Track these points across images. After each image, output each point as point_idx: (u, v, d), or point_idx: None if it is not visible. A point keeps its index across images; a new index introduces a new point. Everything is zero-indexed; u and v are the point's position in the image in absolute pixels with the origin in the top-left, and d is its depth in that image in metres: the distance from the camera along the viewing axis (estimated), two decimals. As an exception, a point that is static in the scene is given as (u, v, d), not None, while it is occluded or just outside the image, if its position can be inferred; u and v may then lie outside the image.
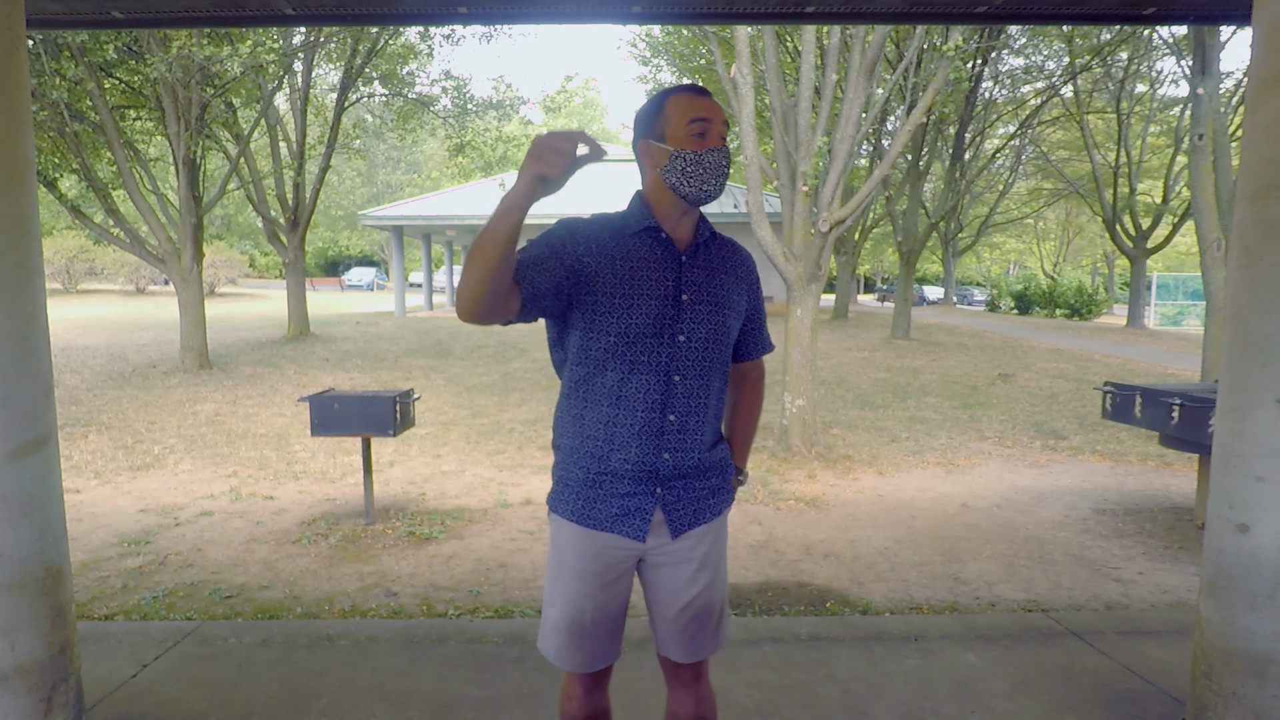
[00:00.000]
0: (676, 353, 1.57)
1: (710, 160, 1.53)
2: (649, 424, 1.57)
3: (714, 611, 1.69)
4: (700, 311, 1.59)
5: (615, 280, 1.56)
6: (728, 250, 1.70)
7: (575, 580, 1.63)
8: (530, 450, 6.81)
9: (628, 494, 1.60)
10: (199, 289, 10.61)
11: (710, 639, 1.70)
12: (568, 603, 1.64)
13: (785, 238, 6.82)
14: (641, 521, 1.60)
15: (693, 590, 1.66)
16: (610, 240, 1.58)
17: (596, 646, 1.66)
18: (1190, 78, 9.52)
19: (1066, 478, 6.07)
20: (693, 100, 1.54)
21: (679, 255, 1.60)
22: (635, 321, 1.55)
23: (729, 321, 1.64)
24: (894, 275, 34.28)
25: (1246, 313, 2.11)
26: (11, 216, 2.07)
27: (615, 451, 1.58)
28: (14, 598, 2.08)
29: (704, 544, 1.67)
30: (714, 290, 1.62)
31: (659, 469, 1.59)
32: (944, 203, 17.72)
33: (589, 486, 1.62)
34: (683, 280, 1.59)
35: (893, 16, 3.12)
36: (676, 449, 1.60)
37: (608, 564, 1.62)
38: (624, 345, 1.56)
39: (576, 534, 1.62)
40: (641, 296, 1.56)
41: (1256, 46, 2.12)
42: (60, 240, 24.45)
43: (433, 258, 31.21)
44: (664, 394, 1.57)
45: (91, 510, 5.08)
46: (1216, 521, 2.19)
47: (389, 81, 14.58)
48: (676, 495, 1.63)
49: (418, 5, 2.83)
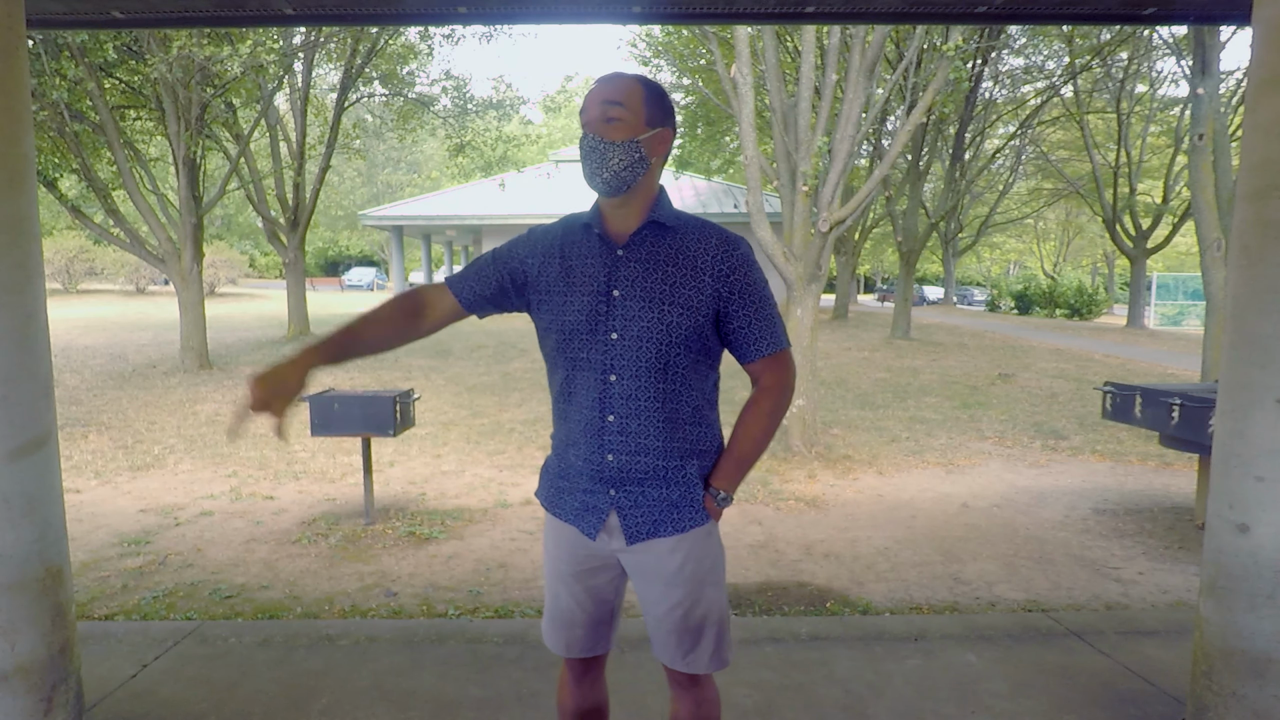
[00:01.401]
0: (610, 351, 1.52)
1: (583, 149, 1.52)
2: (590, 423, 1.55)
3: (701, 631, 1.61)
4: (631, 308, 1.51)
5: (552, 278, 1.58)
6: (691, 240, 1.55)
7: (551, 564, 1.70)
8: (530, 450, 6.81)
9: (586, 490, 1.60)
10: (199, 289, 10.61)
11: (701, 657, 1.63)
12: (548, 586, 1.72)
13: (785, 238, 6.82)
14: (595, 519, 1.59)
15: (664, 605, 1.60)
16: (559, 239, 1.61)
17: (574, 634, 1.69)
18: (1190, 78, 9.52)
19: (1066, 478, 6.07)
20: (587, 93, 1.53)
21: (614, 249, 1.56)
22: (569, 319, 1.55)
23: (672, 318, 1.51)
24: (894, 275, 34.27)
25: (1246, 313, 2.11)
26: (11, 216, 2.07)
27: (570, 447, 1.61)
28: (14, 598, 2.08)
29: (674, 560, 1.58)
30: (652, 285, 1.52)
31: (605, 470, 1.56)
32: (944, 203, 17.72)
33: (560, 478, 1.65)
34: (614, 275, 1.54)
35: (893, 16, 3.12)
36: (619, 451, 1.54)
37: (576, 555, 1.65)
38: (563, 342, 1.57)
39: (550, 522, 1.69)
40: (574, 293, 1.55)
41: (1256, 46, 2.12)
42: (60, 240, 24.45)
43: (433, 258, 31.23)
44: (601, 393, 1.54)
45: (91, 510, 5.08)
46: (1216, 521, 2.19)
47: (389, 81, 14.57)
48: (632, 500, 1.57)
49: (418, 5, 2.83)
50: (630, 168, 1.50)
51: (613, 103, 1.48)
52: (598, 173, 1.50)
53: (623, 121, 1.48)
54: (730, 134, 17.35)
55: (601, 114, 1.48)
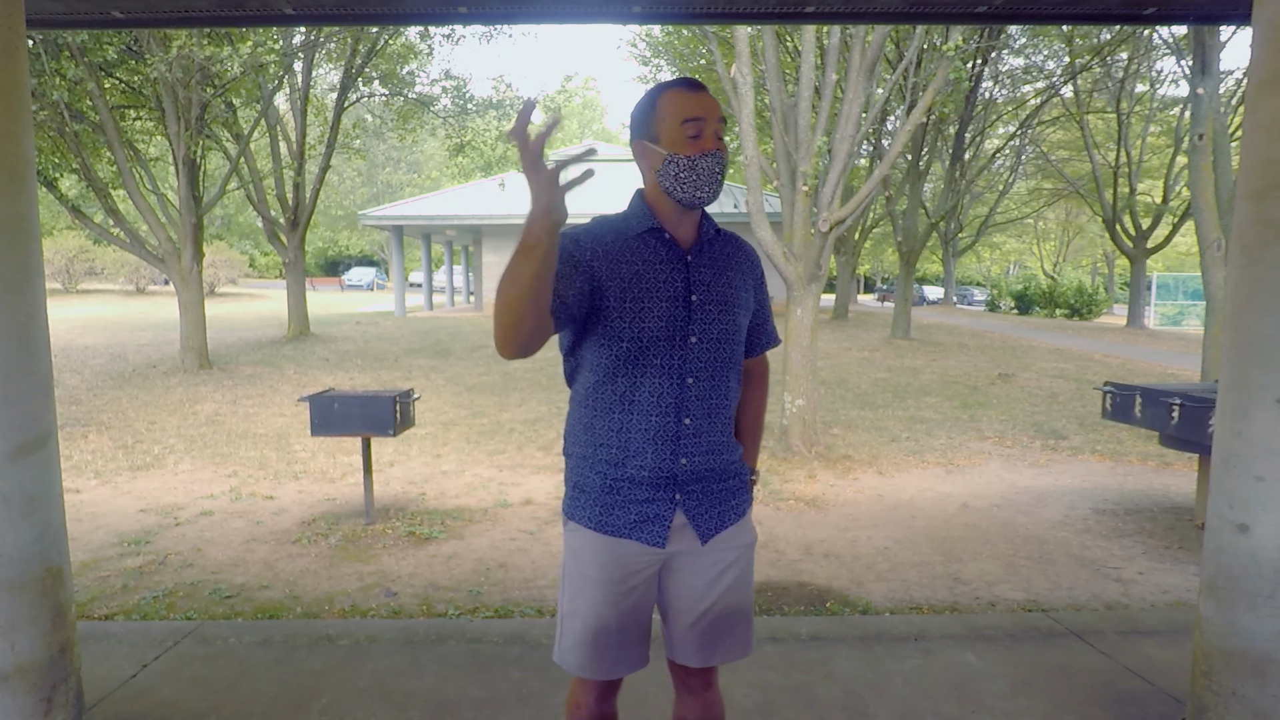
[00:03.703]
0: (689, 355, 1.54)
1: (704, 165, 1.48)
2: (664, 429, 1.54)
3: (741, 613, 1.65)
4: (711, 312, 1.56)
5: (623, 285, 1.51)
6: (732, 246, 1.66)
7: (596, 589, 1.58)
8: (530, 450, 6.81)
9: (646, 500, 1.56)
10: (199, 289, 10.61)
11: (738, 644, 1.65)
12: (591, 613, 1.58)
13: (785, 238, 6.82)
14: (660, 528, 1.56)
15: (716, 591, 1.61)
16: (614, 244, 1.54)
17: (623, 653, 1.61)
18: (1190, 78, 9.52)
19: (1066, 478, 6.07)
20: (685, 98, 1.48)
21: (684, 255, 1.56)
22: (647, 326, 1.51)
23: (739, 319, 1.60)
24: (894, 275, 34.28)
25: (1246, 313, 2.11)
26: (11, 216, 2.07)
27: (631, 458, 1.55)
28: (14, 598, 2.08)
29: (734, 546, 1.63)
30: (722, 289, 1.58)
31: (676, 474, 1.55)
32: (944, 203, 17.72)
33: (606, 493, 1.58)
34: (691, 281, 1.55)
35: (893, 16, 3.12)
36: (693, 453, 1.56)
37: (629, 571, 1.58)
38: (636, 351, 1.52)
39: (597, 542, 1.58)
40: (651, 300, 1.52)
41: (1256, 46, 2.12)
42: (60, 240, 24.46)
43: (433, 258, 31.20)
44: (678, 398, 1.54)
45: (91, 510, 5.08)
46: (1216, 521, 2.19)
47: (389, 81, 14.56)
48: (698, 500, 1.58)
49: (418, 5, 2.83)
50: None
51: (722, 120, 1.52)
52: (713, 189, 1.51)
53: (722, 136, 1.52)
54: (730, 134, 17.34)
55: (716, 130, 1.50)
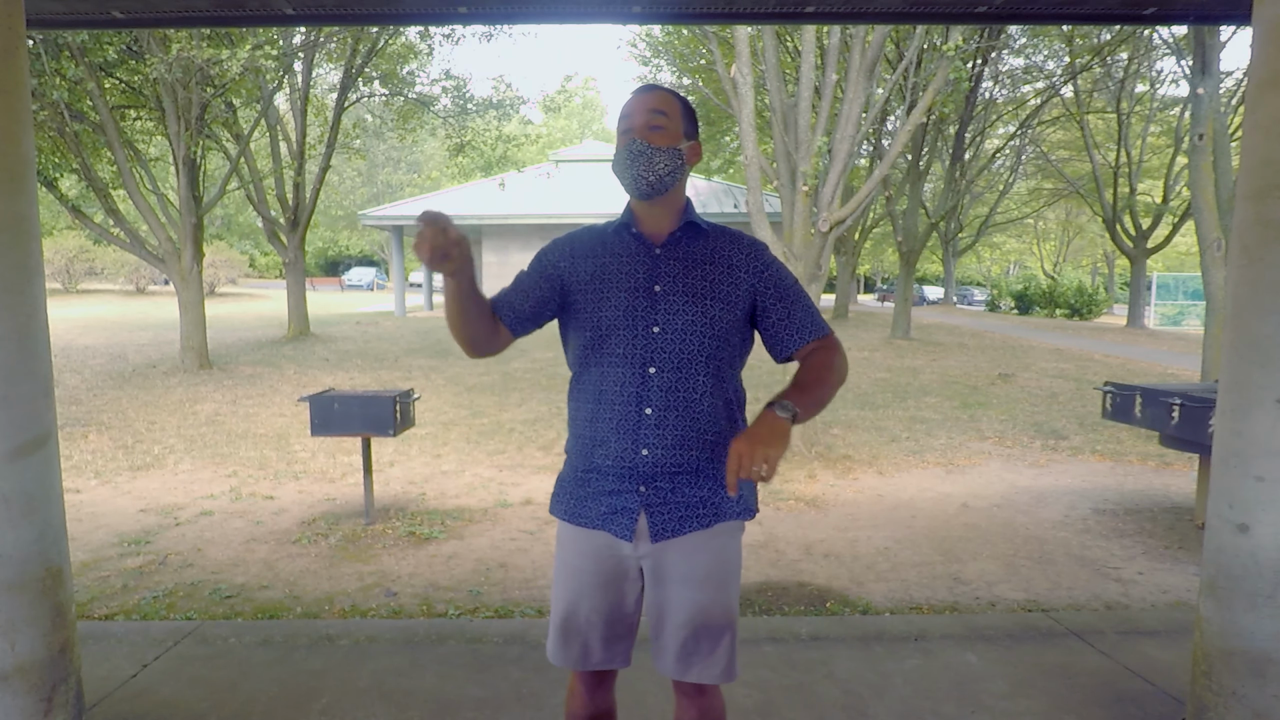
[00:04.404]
0: (651, 344, 1.57)
1: (624, 152, 1.56)
2: (626, 418, 1.57)
3: (715, 638, 1.59)
4: (675, 302, 1.58)
5: (587, 278, 1.62)
6: (723, 241, 1.65)
7: (570, 577, 1.65)
8: (530, 450, 6.81)
9: (613, 491, 1.60)
10: (199, 289, 10.61)
11: (713, 667, 1.60)
12: (564, 600, 1.66)
13: (785, 238, 6.82)
14: (628, 520, 1.58)
15: (682, 608, 1.59)
16: (585, 245, 1.66)
17: (590, 646, 1.64)
18: (1190, 78, 9.52)
19: (1066, 478, 6.07)
20: (628, 100, 1.60)
21: (652, 248, 1.62)
22: (606, 315, 1.59)
23: (715, 312, 1.58)
24: (894, 275, 34.27)
25: (1246, 313, 2.11)
26: (11, 216, 2.07)
27: (598, 447, 1.60)
28: (14, 598, 2.08)
29: (698, 559, 1.58)
30: (693, 281, 1.59)
31: (638, 465, 1.57)
32: (944, 203, 17.71)
33: (578, 485, 1.65)
34: (656, 272, 1.60)
35: (893, 16, 3.12)
36: (655, 444, 1.56)
37: (602, 563, 1.62)
38: (599, 339, 1.59)
39: (571, 532, 1.66)
40: (611, 290, 1.60)
41: (1256, 46, 2.12)
42: (60, 240, 24.44)
43: (433, 258, 31.04)
44: (639, 387, 1.57)
45: (91, 510, 5.08)
46: (1216, 521, 2.19)
47: (389, 81, 14.55)
48: (661, 497, 1.58)
49: (418, 5, 2.83)
50: (672, 173, 1.58)
51: (658, 111, 1.57)
52: (644, 175, 1.56)
53: (666, 130, 1.57)
54: (730, 134, 17.34)
55: (647, 121, 1.57)
